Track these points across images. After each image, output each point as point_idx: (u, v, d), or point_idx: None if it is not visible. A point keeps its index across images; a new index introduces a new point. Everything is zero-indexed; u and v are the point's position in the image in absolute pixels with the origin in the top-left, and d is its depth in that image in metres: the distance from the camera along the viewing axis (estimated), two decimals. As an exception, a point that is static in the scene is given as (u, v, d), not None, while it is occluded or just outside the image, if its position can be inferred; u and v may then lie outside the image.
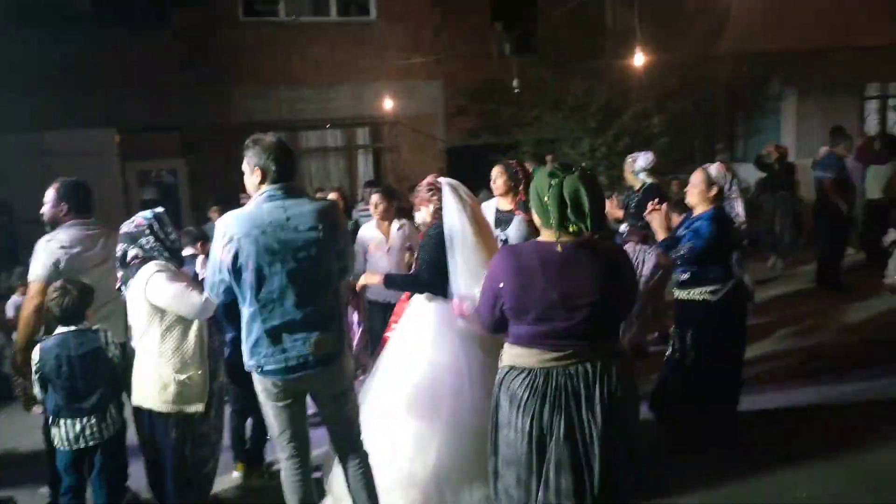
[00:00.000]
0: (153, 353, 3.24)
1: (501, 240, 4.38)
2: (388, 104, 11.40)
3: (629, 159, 5.92)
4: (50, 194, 3.89)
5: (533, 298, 2.38)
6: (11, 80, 9.20)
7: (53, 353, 3.31)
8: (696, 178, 4.07)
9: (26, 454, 4.77)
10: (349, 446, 3.14)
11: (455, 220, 3.55)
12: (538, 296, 2.38)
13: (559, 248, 2.38)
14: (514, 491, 2.47)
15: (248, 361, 2.93)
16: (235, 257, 2.80)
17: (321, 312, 2.92)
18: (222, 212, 3.55)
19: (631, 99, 10.49)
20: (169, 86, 10.63)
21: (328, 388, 3.03)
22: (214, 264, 2.89)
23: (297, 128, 11.60)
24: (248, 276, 2.81)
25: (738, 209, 4.22)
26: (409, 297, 3.83)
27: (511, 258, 2.48)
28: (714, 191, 4.01)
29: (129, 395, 3.45)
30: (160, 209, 3.44)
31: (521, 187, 4.62)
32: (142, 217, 3.35)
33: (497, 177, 4.70)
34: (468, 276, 3.48)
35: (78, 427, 3.33)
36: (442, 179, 3.71)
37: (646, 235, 5.33)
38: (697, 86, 11.03)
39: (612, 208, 5.12)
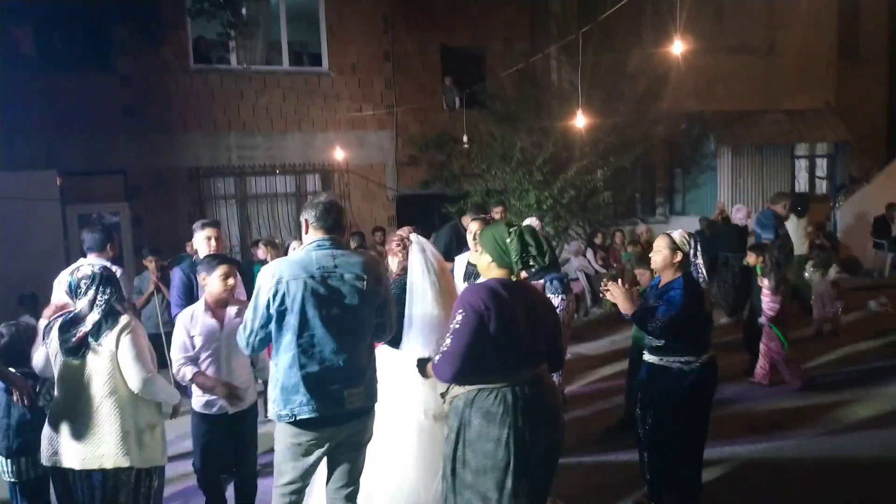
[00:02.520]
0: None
1: None
2: (339, 153, 11.51)
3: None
4: None
5: (515, 325, 2.78)
6: (-50, 120, 9.00)
7: None
8: (661, 244, 3.94)
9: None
10: (347, 494, 3.15)
11: (418, 279, 3.70)
12: (518, 322, 2.79)
13: (512, 279, 2.90)
14: (492, 494, 2.76)
15: (281, 411, 2.90)
16: (282, 300, 2.86)
17: (358, 364, 2.98)
18: (158, 261, 3.60)
19: (575, 154, 10.86)
20: (114, 130, 10.54)
21: (353, 441, 3.06)
22: (257, 311, 2.91)
23: (245, 173, 11.58)
24: (292, 319, 2.86)
25: (703, 273, 3.99)
26: None
27: (491, 291, 2.81)
28: (679, 256, 3.89)
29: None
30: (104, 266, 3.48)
31: None
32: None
33: (473, 232, 4.73)
34: (420, 332, 3.62)
35: None
36: (413, 237, 3.85)
37: None
38: (637, 142, 11.50)
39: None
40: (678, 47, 5.76)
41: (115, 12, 10.36)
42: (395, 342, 3.65)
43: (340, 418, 2.94)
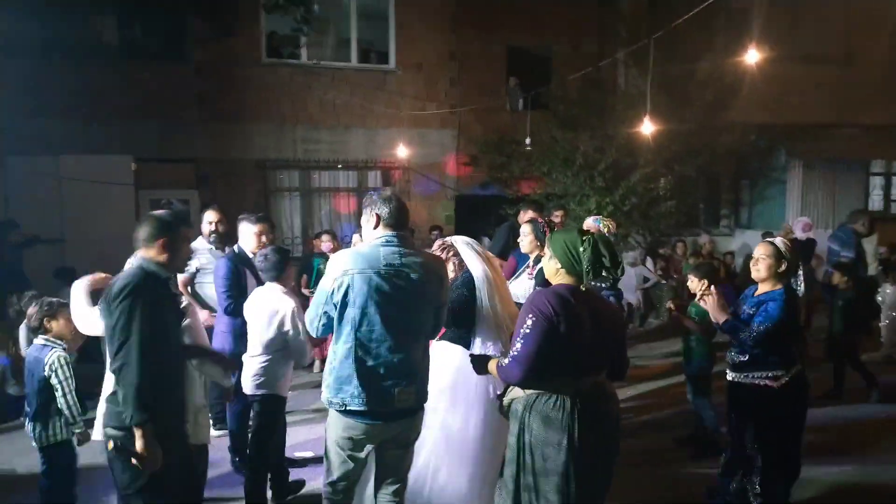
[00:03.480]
0: None
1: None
2: (401, 150, 11.62)
3: None
4: None
5: (581, 333, 2.76)
6: (34, 104, 9.45)
7: None
8: (765, 252, 3.78)
9: (24, 476, 4.76)
10: (394, 491, 3.18)
11: (480, 270, 3.68)
12: (584, 330, 2.77)
13: (582, 289, 2.87)
14: (552, 497, 2.77)
15: (332, 398, 2.95)
16: (346, 292, 2.89)
17: (412, 363, 3.01)
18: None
19: (639, 160, 10.68)
20: (187, 119, 10.88)
21: (401, 438, 3.09)
22: (321, 297, 2.96)
23: (310, 167, 11.80)
24: (353, 312, 2.90)
25: (801, 285, 3.84)
26: None
27: (560, 298, 2.79)
28: (784, 266, 3.73)
29: None
30: None
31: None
32: None
33: (526, 234, 4.90)
34: (492, 325, 3.62)
35: None
36: (450, 238, 3.87)
37: None
38: (704, 152, 11.23)
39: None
40: (753, 56, 5.62)
41: (192, 4, 10.72)
42: (457, 330, 3.69)
43: (390, 415, 2.96)
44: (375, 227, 3.07)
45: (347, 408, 2.90)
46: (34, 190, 9.24)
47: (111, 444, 2.84)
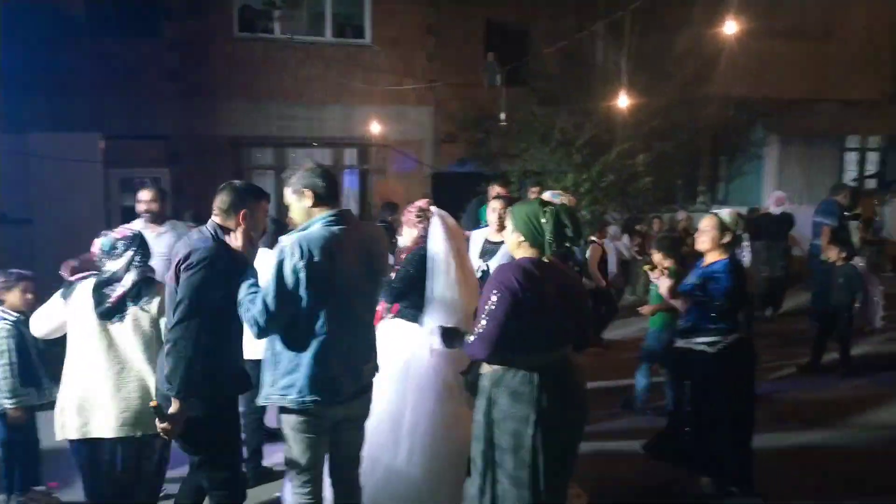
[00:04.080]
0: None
1: (483, 269, 4.40)
2: (378, 127, 11.47)
3: None
4: None
5: (546, 306, 2.73)
6: None
7: None
8: (708, 224, 3.90)
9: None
10: (347, 473, 3.10)
11: (440, 249, 3.60)
12: (550, 303, 2.74)
13: (545, 260, 2.82)
14: (521, 472, 2.74)
15: (289, 393, 2.76)
16: (310, 279, 2.67)
17: (368, 341, 2.98)
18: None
19: (617, 137, 10.63)
20: (158, 95, 10.65)
21: (359, 414, 3.03)
22: (279, 290, 2.67)
23: (285, 144, 11.63)
24: (313, 301, 2.70)
25: (746, 258, 4.04)
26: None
27: (524, 271, 2.74)
28: (728, 237, 3.86)
29: None
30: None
31: None
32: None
33: (496, 210, 4.68)
34: (442, 305, 3.54)
35: None
36: (433, 209, 3.75)
37: None
38: (682, 127, 11.21)
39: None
40: (730, 27, 5.56)
41: (163, -23, 10.46)
42: (411, 303, 3.62)
43: (354, 394, 2.90)
44: (313, 205, 2.86)
45: (310, 396, 2.76)
46: (0, 169, 9.00)
47: (154, 403, 2.88)
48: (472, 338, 2.76)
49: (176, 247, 2.98)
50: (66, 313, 3.22)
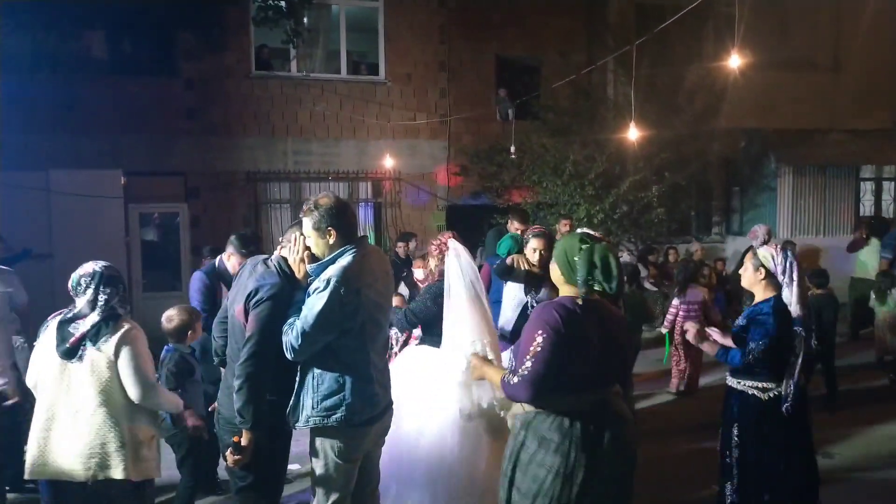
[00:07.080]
0: None
1: (532, 303, 4.27)
2: (391, 161, 11.62)
3: None
4: None
5: (587, 348, 2.59)
6: (23, 119, 9.41)
7: None
8: (746, 261, 3.72)
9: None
10: (370, 488, 3.21)
11: (455, 283, 3.70)
12: (591, 344, 2.60)
13: (579, 302, 2.62)
14: None
15: (334, 413, 2.84)
16: (356, 310, 2.84)
17: (387, 362, 3.20)
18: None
19: (629, 168, 10.69)
20: (176, 132, 10.87)
21: (386, 427, 3.17)
22: (326, 317, 2.75)
23: (301, 179, 11.79)
24: (356, 324, 2.87)
25: (792, 298, 3.55)
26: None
27: (566, 311, 2.60)
28: (762, 274, 3.59)
29: None
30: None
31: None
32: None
33: (536, 249, 4.41)
34: (455, 335, 3.62)
35: None
36: (450, 243, 3.84)
37: None
38: (693, 159, 11.26)
39: None
40: (735, 61, 5.64)
41: (182, 18, 10.74)
42: (427, 333, 3.81)
43: (386, 413, 3.09)
44: (334, 241, 2.89)
45: (354, 419, 2.89)
46: (23, 205, 9.18)
47: (236, 438, 2.90)
48: (515, 379, 2.58)
49: (242, 282, 3.06)
50: (35, 351, 3.13)
